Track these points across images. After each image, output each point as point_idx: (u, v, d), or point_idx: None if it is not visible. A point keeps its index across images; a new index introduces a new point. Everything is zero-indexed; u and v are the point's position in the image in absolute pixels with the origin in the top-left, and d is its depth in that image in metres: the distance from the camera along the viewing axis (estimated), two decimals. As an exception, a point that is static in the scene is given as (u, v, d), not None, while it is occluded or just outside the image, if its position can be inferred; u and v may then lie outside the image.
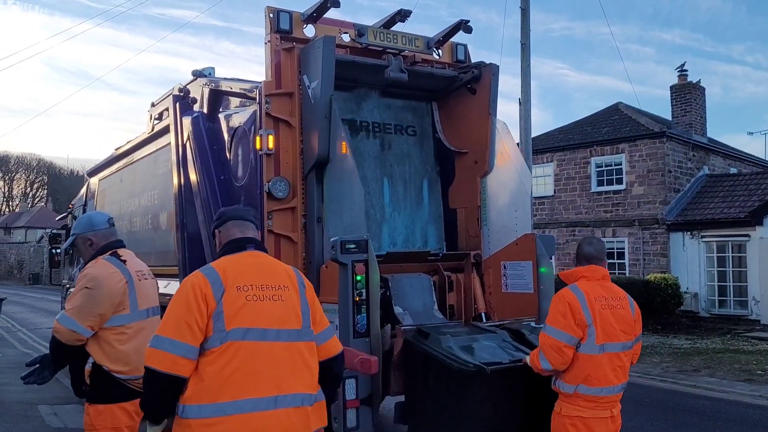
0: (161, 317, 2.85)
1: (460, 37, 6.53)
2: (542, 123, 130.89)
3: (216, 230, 3.07)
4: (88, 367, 3.72)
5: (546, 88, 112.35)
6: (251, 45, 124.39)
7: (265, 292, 2.76)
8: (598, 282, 3.93)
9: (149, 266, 4.14)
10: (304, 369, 2.78)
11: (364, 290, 4.72)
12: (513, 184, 6.26)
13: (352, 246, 4.71)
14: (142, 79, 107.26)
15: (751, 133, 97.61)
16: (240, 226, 3.01)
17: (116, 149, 9.49)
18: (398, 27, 6.24)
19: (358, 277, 4.70)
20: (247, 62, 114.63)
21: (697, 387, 10.32)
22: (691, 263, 18.95)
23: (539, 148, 21.42)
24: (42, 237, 42.54)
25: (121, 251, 3.97)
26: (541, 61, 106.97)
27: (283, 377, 2.69)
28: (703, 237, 18.89)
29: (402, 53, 6.12)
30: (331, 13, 5.81)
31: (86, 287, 3.68)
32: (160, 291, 7.39)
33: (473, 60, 6.62)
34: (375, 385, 4.65)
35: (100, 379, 3.67)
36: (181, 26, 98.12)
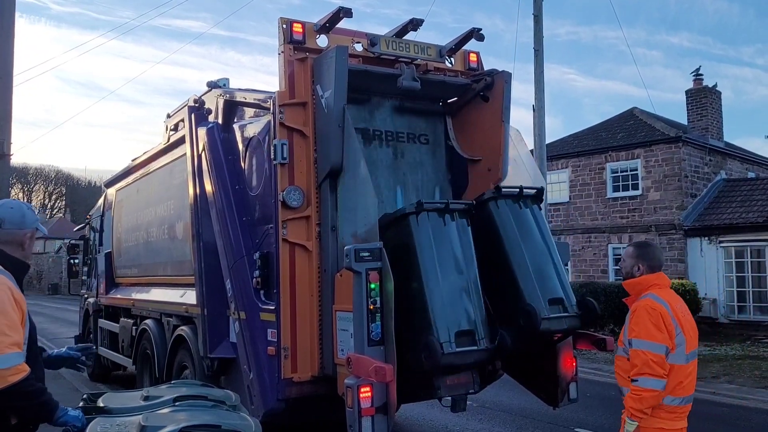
0: None
1: (471, 45, 6.56)
2: (552, 129, 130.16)
3: None
4: None
5: (554, 94, 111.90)
6: (257, 54, 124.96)
7: None
8: (667, 290, 3.84)
9: (166, 275, 4.04)
10: None
11: (378, 298, 4.73)
12: (526, 191, 6.24)
13: (366, 254, 4.73)
14: (151, 90, 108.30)
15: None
16: None
17: (133, 160, 9.58)
18: (410, 36, 6.28)
19: (372, 285, 4.72)
20: (253, 71, 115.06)
21: (716, 394, 10.20)
22: (709, 269, 18.75)
23: (554, 154, 21.35)
24: (60, 247, 43.05)
25: None
26: (548, 67, 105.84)
27: None
28: (721, 242, 18.69)
29: (414, 62, 6.14)
30: (344, 23, 5.87)
31: None
32: (175, 300, 7.46)
33: (485, 67, 6.64)
34: (390, 393, 4.65)
35: None
36: (195, 38, 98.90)
